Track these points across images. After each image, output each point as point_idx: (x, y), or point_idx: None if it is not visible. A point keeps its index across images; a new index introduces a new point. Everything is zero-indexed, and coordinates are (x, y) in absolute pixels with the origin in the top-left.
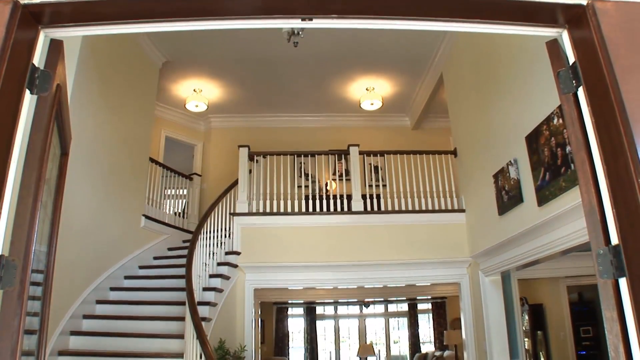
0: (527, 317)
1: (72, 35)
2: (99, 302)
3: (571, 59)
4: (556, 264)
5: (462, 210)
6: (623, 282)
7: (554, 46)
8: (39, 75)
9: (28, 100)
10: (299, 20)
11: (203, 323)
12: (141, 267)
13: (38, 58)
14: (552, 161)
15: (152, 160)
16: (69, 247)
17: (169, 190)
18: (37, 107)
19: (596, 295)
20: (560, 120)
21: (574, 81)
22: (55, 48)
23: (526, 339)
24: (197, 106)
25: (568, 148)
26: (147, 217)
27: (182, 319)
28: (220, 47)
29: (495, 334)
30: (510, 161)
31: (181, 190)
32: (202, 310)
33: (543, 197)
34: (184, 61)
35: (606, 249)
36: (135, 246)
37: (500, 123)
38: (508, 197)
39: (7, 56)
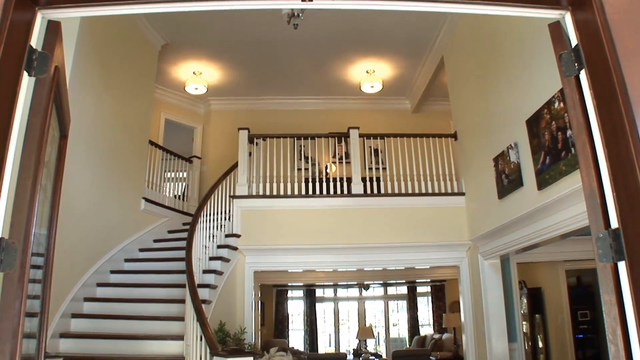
0: (525, 301)
1: (69, 16)
2: (99, 284)
3: (574, 41)
4: (555, 248)
5: (462, 194)
6: (622, 266)
7: (556, 28)
8: (36, 57)
9: (26, 82)
10: (299, 1)
11: (203, 305)
12: (141, 250)
13: (35, 40)
14: (552, 145)
15: (151, 143)
16: (69, 230)
17: (169, 173)
18: (35, 89)
19: (594, 280)
20: (561, 104)
21: (576, 64)
22: (53, 29)
23: (524, 323)
24: (196, 89)
25: (569, 132)
26: (147, 200)
27: (182, 301)
28: (220, 29)
29: (494, 317)
30: (510, 145)
31: (181, 173)
32: (202, 293)
33: (543, 181)
34: (183, 43)
35: (606, 233)
36: (136, 229)
37: (501, 106)
38: (508, 180)
39: (4, 38)
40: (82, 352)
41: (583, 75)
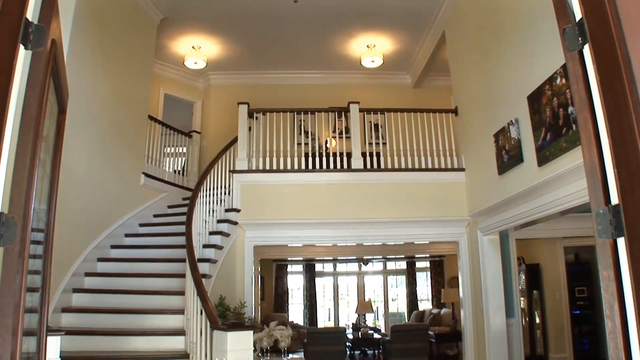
0: (523, 277)
1: None
2: (100, 260)
3: (578, 15)
4: (554, 225)
5: (462, 169)
6: (621, 242)
7: (560, 2)
8: (32, 30)
9: (22, 56)
10: None
11: (203, 280)
12: (141, 225)
13: (31, 12)
14: (553, 121)
15: (151, 118)
16: (70, 206)
17: (169, 148)
18: (32, 63)
19: (592, 257)
20: (563, 80)
21: (579, 38)
22: (49, 2)
23: (522, 298)
24: (196, 63)
25: (570, 108)
26: (146, 175)
27: (182, 275)
28: (219, 2)
29: (492, 293)
30: (511, 121)
31: (181, 148)
32: (202, 267)
33: (543, 158)
34: (182, 17)
35: (606, 209)
36: (136, 204)
37: (502, 82)
38: (508, 156)
39: None
40: (84, 327)
41: (587, 50)
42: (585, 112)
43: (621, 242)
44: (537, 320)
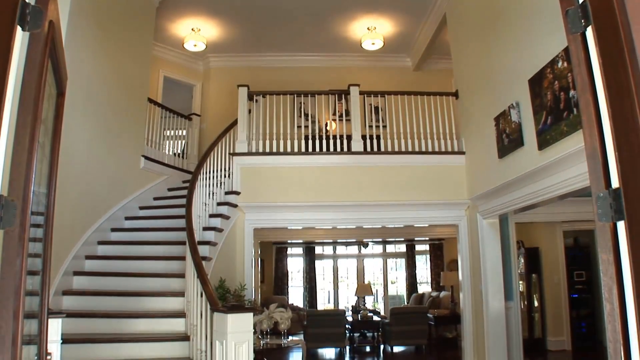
0: (522, 260)
1: None
2: (100, 243)
3: None
4: (554, 209)
5: (462, 153)
6: (621, 225)
7: None
8: (30, 11)
9: (20, 37)
10: None
11: (203, 262)
12: (141, 208)
13: None
14: (554, 105)
15: (150, 100)
16: (69, 189)
17: (168, 131)
18: (30, 45)
19: (591, 241)
20: (565, 64)
21: (582, 20)
22: None
23: (521, 282)
24: (195, 46)
25: (571, 92)
26: (146, 158)
27: (182, 258)
28: None
29: (491, 276)
30: (512, 104)
31: (180, 131)
32: (203, 250)
33: (544, 141)
34: None
35: (606, 192)
36: (135, 187)
37: (503, 65)
38: (509, 140)
39: None
40: (85, 309)
41: (589, 32)
42: (587, 95)
43: (621, 226)
44: (536, 303)
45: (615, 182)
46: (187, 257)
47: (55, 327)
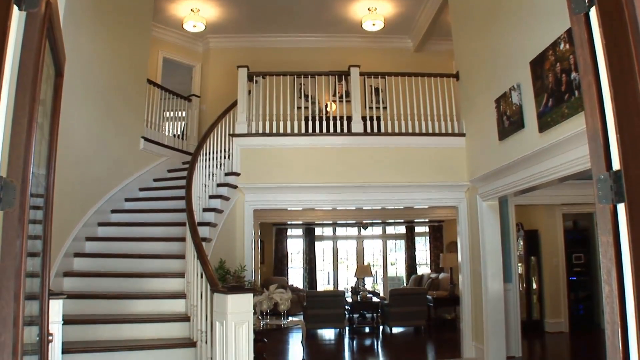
0: (522, 243)
1: None
2: (100, 224)
3: None
4: (553, 191)
5: (462, 135)
6: (621, 208)
7: None
8: None
9: (17, 17)
10: None
11: (203, 243)
12: (141, 189)
13: None
14: (556, 87)
15: (150, 82)
16: (69, 171)
17: (168, 113)
18: (27, 25)
19: (590, 224)
20: (567, 46)
21: (586, 1)
22: None
23: (520, 264)
24: (194, 26)
25: (573, 74)
26: (146, 139)
27: (182, 239)
28: None
29: (491, 258)
30: (513, 86)
31: (180, 112)
32: (202, 231)
33: (544, 124)
34: None
35: (607, 175)
36: (135, 168)
37: (504, 47)
38: (509, 122)
39: None
40: (85, 290)
41: (593, 13)
42: (589, 77)
43: (621, 208)
44: (534, 285)
45: (616, 164)
46: (187, 238)
47: (56, 309)
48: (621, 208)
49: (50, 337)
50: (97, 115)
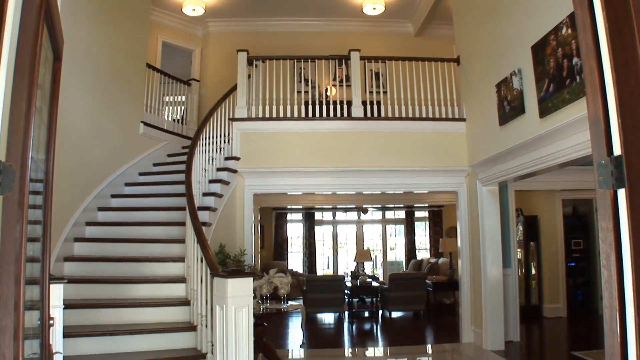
0: (521, 228)
1: None
2: (100, 209)
3: None
4: (553, 177)
5: (463, 119)
6: (621, 193)
7: None
8: None
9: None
10: None
11: (203, 228)
12: (141, 174)
13: None
14: (557, 72)
15: (149, 66)
16: (69, 155)
17: (168, 97)
18: (24, 7)
19: (590, 210)
20: (569, 31)
21: None
22: None
23: (519, 249)
24: (194, 10)
25: (575, 59)
26: (145, 124)
27: (182, 224)
28: None
29: (490, 243)
30: (514, 71)
31: (179, 97)
32: (202, 215)
33: (545, 109)
34: None
35: (608, 160)
36: (135, 153)
37: (506, 31)
38: (510, 107)
39: None
40: (86, 275)
41: None
42: (591, 61)
43: (621, 194)
44: (533, 271)
45: (617, 150)
46: (187, 223)
47: (57, 293)
48: (621, 193)
49: (51, 321)
50: (96, 100)
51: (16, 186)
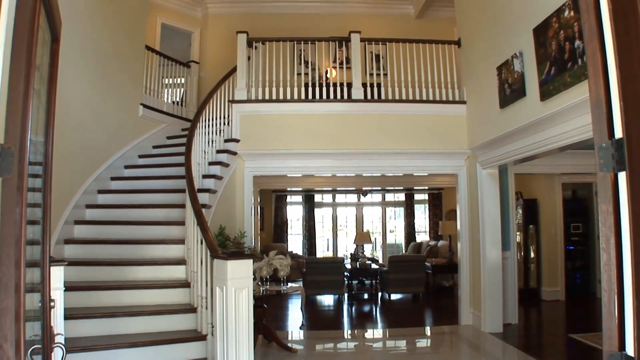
0: (520, 211)
1: None
2: (100, 191)
3: None
4: (553, 161)
5: (463, 102)
6: (622, 176)
7: None
8: None
9: None
10: None
11: (203, 210)
12: (141, 157)
13: None
14: (559, 55)
15: (148, 48)
16: (68, 138)
17: (167, 80)
18: None
19: (589, 194)
20: (572, 13)
21: None
22: None
23: (518, 233)
24: None
25: (577, 42)
26: (145, 106)
27: (182, 206)
28: None
29: (489, 226)
30: (515, 54)
31: (179, 79)
32: (202, 197)
33: (546, 92)
34: None
35: (609, 143)
36: (135, 135)
37: (507, 13)
38: (511, 90)
39: None
40: (87, 257)
41: None
42: (594, 42)
43: (622, 177)
44: (532, 254)
45: (618, 133)
46: (186, 205)
47: (57, 275)
48: (622, 176)
49: (52, 303)
50: (95, 82)
51: (15, 169)
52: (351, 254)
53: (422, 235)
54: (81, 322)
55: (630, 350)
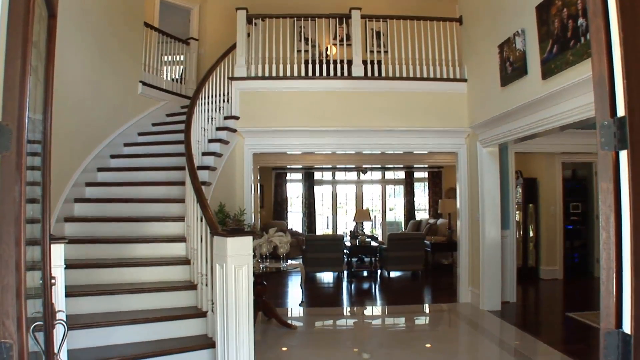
0: (520, 190)
1: None
2: (100, 169)
3: None
4: (553, 140)
5: (464, 80)
6: (623, 155)
7: None
8: None
9: None
10: None
11: (203, 187)
12: (140, 134)
13: None
14: (561, 33)
15: (147, 25)
16: (67, 116)
17: (166, 57)
18: None
19: (589, 173)
20: None
21: None
22: None
23: (517, 211)
24: None
25: (580, 20)
26: (144, 83)
27: (182, 183)
28: None
29: (489, 205)
30: (517, 31)
31: (178, 56)
32: (202, 175)
33: (548, 71)
34: None
35: (611, 121)
36: (134, 113)
37: None
38: (512, 68)
39: None
40: (87, 235)
41: None
42: (598, 19)
43: (623, 155)
44: (531, 233)
45: (620, 111)
46: (186, 183)
47: (58, 253)
48: (623, 155)
49: (53, 281)
50: (93, 60)
51: (13, 147)
52: (351, 231)
53: (422, 213)
54: (82, 299)
55: (627, 327)
